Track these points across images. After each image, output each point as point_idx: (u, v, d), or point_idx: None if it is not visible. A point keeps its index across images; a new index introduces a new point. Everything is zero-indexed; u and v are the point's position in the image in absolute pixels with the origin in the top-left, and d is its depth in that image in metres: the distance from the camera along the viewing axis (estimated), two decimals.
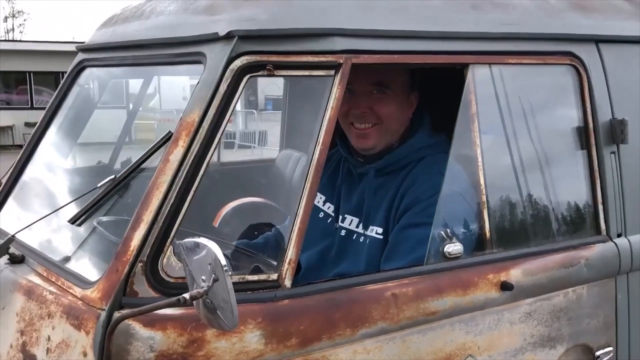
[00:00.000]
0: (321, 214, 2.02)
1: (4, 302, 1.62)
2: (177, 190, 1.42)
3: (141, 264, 1.38)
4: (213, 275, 1.19)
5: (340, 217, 1.95)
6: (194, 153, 1.44)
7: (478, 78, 1.70)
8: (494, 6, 1.81)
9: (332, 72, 1.52)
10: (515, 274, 1.69)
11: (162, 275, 1.39)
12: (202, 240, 1.20)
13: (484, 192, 1.69)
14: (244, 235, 2.14)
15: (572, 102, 1.88)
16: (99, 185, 1.63)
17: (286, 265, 1.44)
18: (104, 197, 1.62)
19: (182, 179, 1.43)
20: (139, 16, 1.90)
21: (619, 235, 1.92)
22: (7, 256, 1.71)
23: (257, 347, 1.37)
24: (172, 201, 1.41)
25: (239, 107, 16.42)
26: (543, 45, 1.83)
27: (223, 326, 1.21)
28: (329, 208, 2.01)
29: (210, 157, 1.46)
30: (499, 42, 1.75)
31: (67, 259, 1.63)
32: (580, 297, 1.82)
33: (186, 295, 1.19)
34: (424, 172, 1.80)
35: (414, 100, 1.92)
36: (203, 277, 1.20)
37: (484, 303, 1.64)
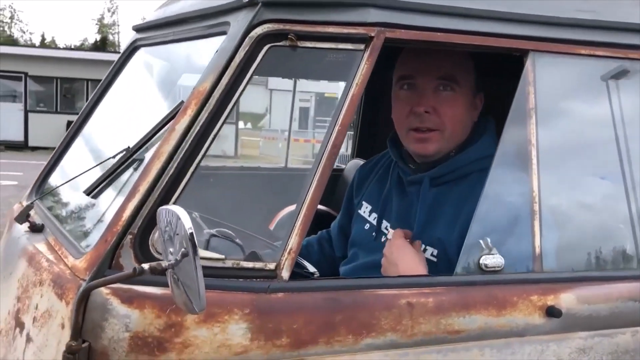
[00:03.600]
0: (367, 226, 1.82)
1: (12, 268, 1.58)
2: (178, 160, 1.31)
3: (131, 236, 1.28)
4: (182, 250, 1.05)
5: (387, 231, 1.75)
6: (201, 123, 1.33)
7: (540, 68, 1.47)
8: None
9: (362, 46, 1.36)
10: (566, 299, 1.42)
11: (151, 250, 1.28)
12: (174, 207, 1.07)
13: (536, 199, 1.44)
14: None
15: None
16: (113, 155, 1.56)
17: (286, 255, 1.28)
18: (118, 169, 1.55)
19: (185, 149, 1.32)
20: None
21: None
22: (28, 224, 1.68)
23: (242, 341, 1.22)
24: (171, 172, 1.30)
25: None
26: (626, 38, 1.55)
27: (188, 306, 1.07)
28: (375, 219, 1.82)
29: (219, 129, 1.35)
30: (569, 29, 1.50)
31: (75, 229, 1.56)
32: None
33: (145, 266, 1.06)
34: None
35: (479, 103, 1.70)
36: (171, 250, 1.07)
37: (523, 329, 1.38)
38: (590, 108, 1.53)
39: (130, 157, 1.53)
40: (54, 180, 2.02)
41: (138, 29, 2.09)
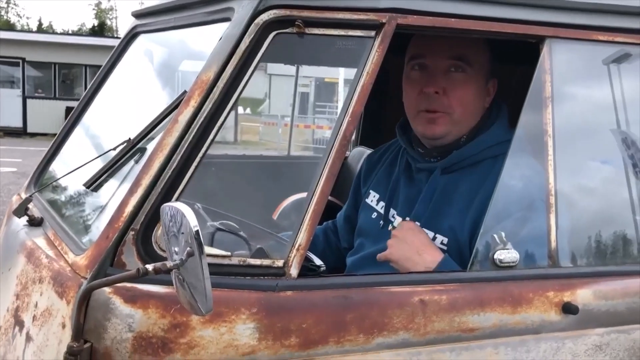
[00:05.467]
0: (374, 215, 1.78)
1: (11, 264, 1.54)
2: (182, 153, 1.26)
3: (133, 232, 1.23)
4: (188, 249, 1.01)
5: (394, 219, 1.70)
6: (205, 114, 1.27)
7: (556, 55, 1.41)
8: None
9: (373, 32, 1.30)
10: (583, 295, 1.37)
11: (154, 247, 1.23)
12: (178, 204, 1.02)
13: (552, 192, 1.39)
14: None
15: None
16: (114, 147, 1.51)
17: (294, 252, 1.23)
18: (118, 161, 1.50)
19: (188, 141, 1.26)
20: None
21: None
22: (26, 217, 1.64)
23: (249, 341, 1.18)
24: (175, 165, 1.25)
25: None
26: None
27: (194, 307, 1.02)
28: (382, 207, 1.77)
29: (224, 120, 1.29)
30: (587, 14, 1.45)
31: (74, 223, 1.52)
32: None
33: (149, 266, 1.01)
34: None
35: (491, 89, 1.65)
36: (176, 249, 1.02)
37: (539, 326, 1.34)
38: (608, 97, 1.47)
39: (131, 149, 1.48)
40: (53, 171, 1.97)
41: (138, 14, 2.02)
